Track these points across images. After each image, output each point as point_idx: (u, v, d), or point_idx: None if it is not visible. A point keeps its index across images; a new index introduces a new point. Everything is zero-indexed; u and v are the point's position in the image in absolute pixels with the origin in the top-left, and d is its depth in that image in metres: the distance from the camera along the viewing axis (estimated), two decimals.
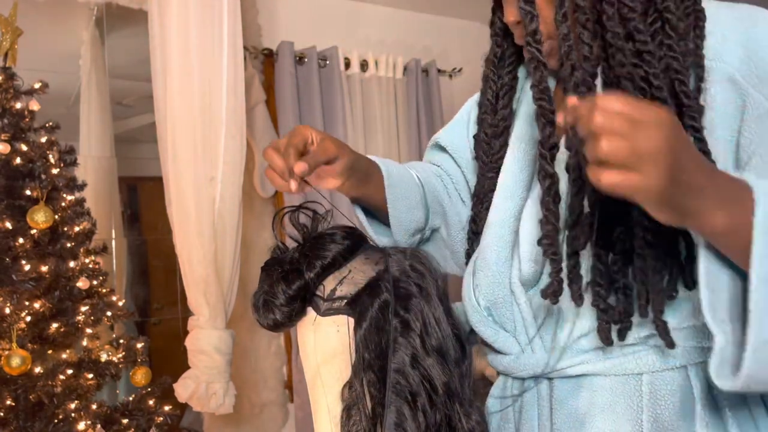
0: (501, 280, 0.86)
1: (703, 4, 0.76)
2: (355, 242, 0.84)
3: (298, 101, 2.55)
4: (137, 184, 3.05)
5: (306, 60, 2.59)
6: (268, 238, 2.44)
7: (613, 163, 0.53)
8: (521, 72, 0.95)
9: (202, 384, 1.94)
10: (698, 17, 0.75)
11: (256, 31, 2.56)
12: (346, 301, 0.79)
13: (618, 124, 0.52)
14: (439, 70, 2.96)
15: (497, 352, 0.89)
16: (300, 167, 0.77)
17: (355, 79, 2.71)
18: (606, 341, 0.75)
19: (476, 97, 1.03)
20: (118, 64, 2.66)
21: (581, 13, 0.74)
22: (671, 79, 0.72)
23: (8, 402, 1.57)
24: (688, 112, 0.71)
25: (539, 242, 0.76)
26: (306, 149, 0.81)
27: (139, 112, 2.89)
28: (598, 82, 0.76)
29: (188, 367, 1.99)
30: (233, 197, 2.02)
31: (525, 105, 0.92)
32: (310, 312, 0.82)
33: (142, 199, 3.11)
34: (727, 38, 0.74)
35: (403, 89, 2.84)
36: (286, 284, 0.80)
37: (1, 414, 1.57)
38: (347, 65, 2.68)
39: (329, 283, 0.81)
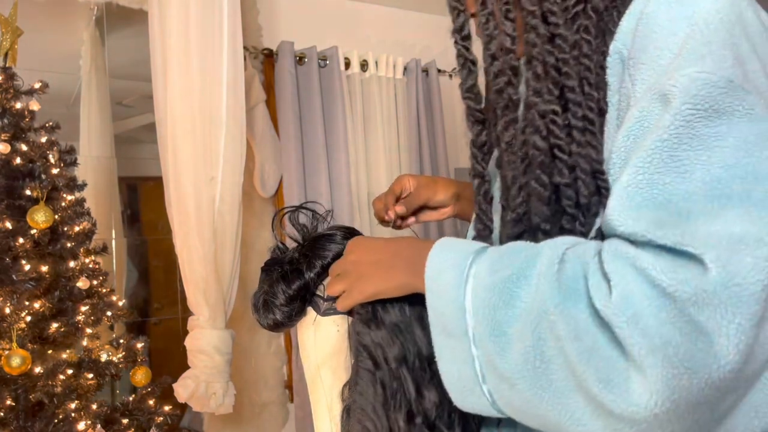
0: None
1: None
2: None
3: (298, 101, 2.55)
4: (137, 184, 3.05)
5: (306, 60, 2.59)
6: (268, 238, 2.44)
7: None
8: None
9: (201, 384, 1.94)
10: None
11: (256, 31, 2.56)
12: None
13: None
14: (439, 70, 2.95)
15: None
16: (399, 209, 0.99)
17: (355, 79, 2.71)
18: None
19: None
20: (118, 64, 2.66)
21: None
22: (580, 64, 0.67)
23: (8, 402, 1.57)
24: (585, 101, 0.66)
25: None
26: (402, 195, 1.02)
27: (139, 112, 2.88)
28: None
29: (188, 367, 1.99)
30: (233, 197, 2.02)
31: None
32: (310, 312, 0.82)
33: (142, 199, 3.10)
34: (629, 13, 0.65)
35: (403, 89, 2.83)
36: (286, 284, 0.80)
37: (2, 414, 1.57)
38: (347, 65, 2.68)
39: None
